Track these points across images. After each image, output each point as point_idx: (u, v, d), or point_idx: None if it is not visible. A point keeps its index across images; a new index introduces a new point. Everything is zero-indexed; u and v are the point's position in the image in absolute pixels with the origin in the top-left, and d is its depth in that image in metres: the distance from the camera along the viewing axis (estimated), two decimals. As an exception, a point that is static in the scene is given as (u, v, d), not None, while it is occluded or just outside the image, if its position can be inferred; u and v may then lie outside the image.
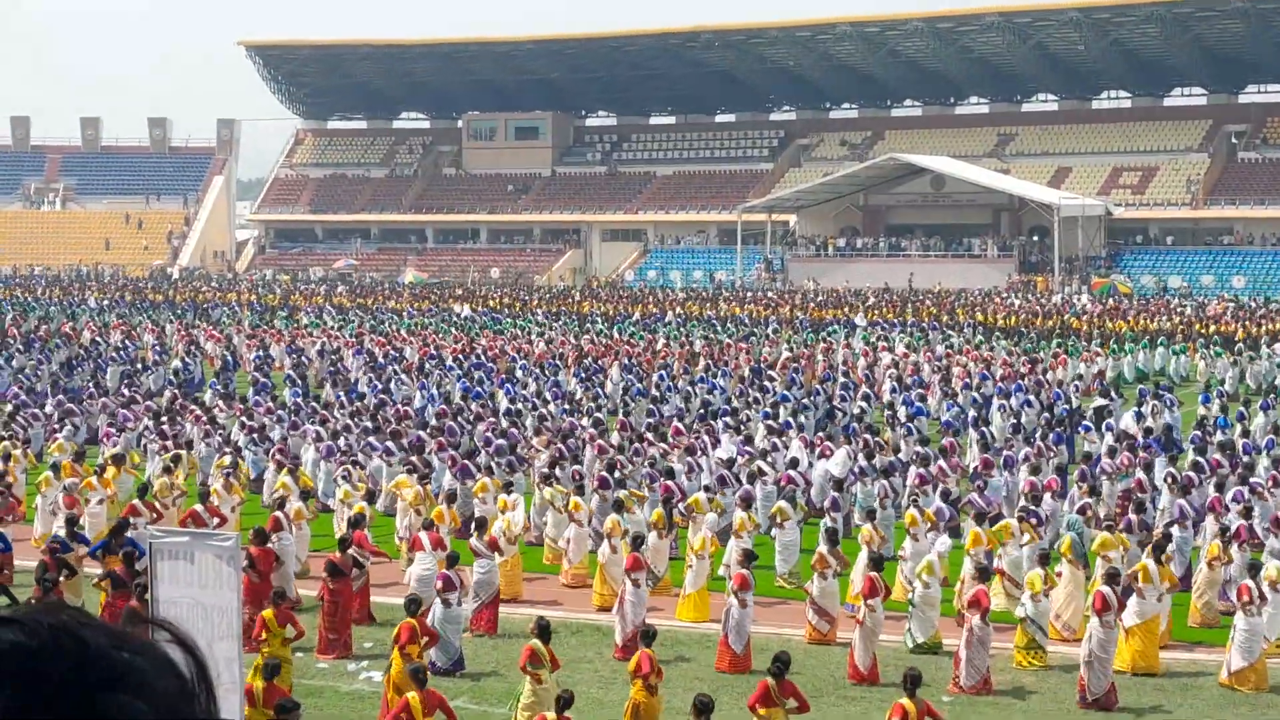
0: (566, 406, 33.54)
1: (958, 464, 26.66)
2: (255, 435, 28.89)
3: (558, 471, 24.83)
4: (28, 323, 56.30)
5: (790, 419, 31.43)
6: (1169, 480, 23.92)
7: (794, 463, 25.46)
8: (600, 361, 42.91)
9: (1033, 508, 21.95)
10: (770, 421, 30.50)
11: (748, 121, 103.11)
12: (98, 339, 50.36)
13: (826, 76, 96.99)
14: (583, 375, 39.65)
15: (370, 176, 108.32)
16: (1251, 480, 23.77)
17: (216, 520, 20.87)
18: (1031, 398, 35.07)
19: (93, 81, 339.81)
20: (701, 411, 33.13)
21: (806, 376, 40.58)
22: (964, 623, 17.14)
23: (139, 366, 42.08)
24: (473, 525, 20.44)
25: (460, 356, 43.97)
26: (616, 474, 24.49)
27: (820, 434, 29.79)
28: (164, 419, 30.06)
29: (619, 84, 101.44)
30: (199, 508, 21.53)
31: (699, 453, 26.91)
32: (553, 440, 27.70)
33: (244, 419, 30.64)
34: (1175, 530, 21.11)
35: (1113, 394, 36.31)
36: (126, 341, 49.13)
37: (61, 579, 18.12)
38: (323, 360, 44.63)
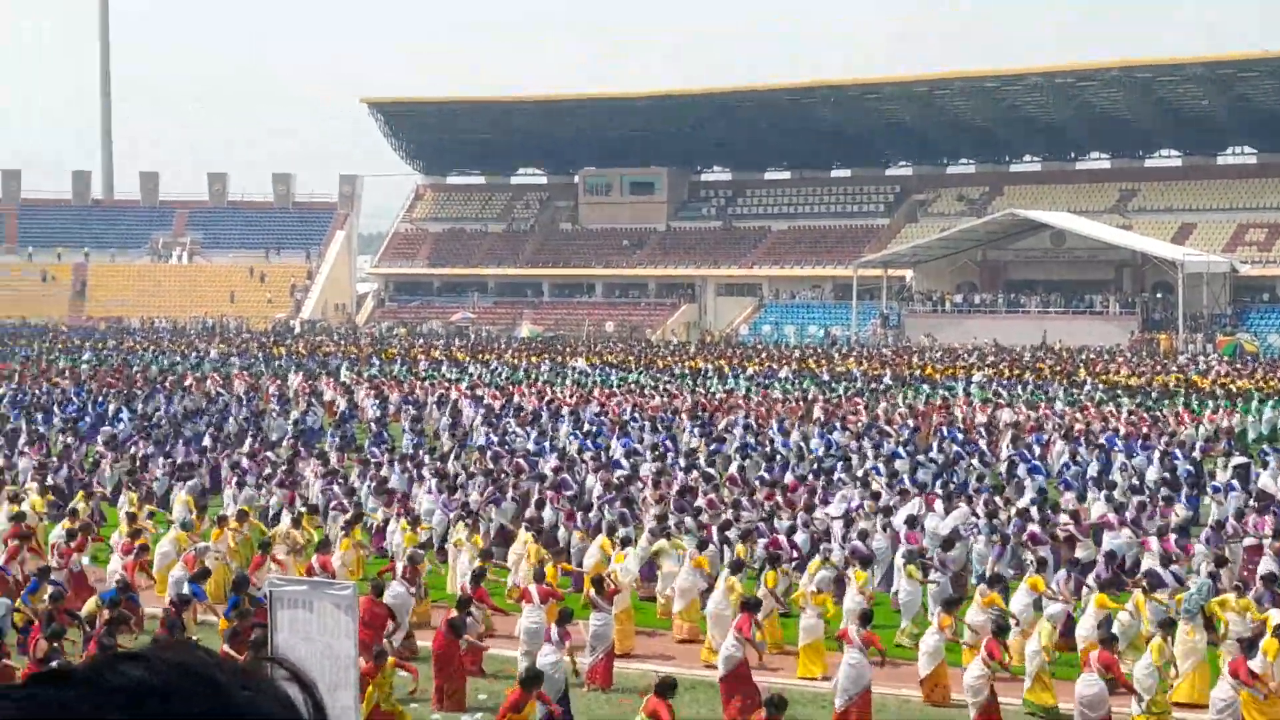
0: (682, 461, 33.43)
1: (1085, 526, 26.07)
2: (375, 486, 29.16)
3: (670, 524, 24.75)
4: (153, 373, 57.60)
5: (906, 476, 31.06)
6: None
7: (911, 520, 25.09)
8: (714, 416, 42.80)
9: (1159, 570, 21.41)
10: (885, 478, 30.16)
11: (864, 177, 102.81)
12: (220, 390, 51.33)
13: (943, 131, 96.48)
14: (697, 430, 39.56)
15: (488, 231, 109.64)
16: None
17: (328, 572, 21.00)
18: (1154, 457, 34.30)
19: (220, 138, 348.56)
20: (815, 468, 32.85)
21: (922, 433, 40.12)
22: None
23: (260, 418, 42.76)
24: (587, 578, 20.40)
25: (576, 410, 44.14)
26: (732, 531, 24.33)
27: (934, 492, 29.38)
28: (284, 470, 30.48)
29: (734, 139, 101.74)
30: (316, 559, 21.74)
31: (812, 509, 26.66)
32: (665, 495, 27.62)
33: (363, 470, 30.98)
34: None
35: (1243, 452, 35.42)
36: (249, 393, 50.03)
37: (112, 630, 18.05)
38: (441, 412, 45.07)
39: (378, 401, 46.93)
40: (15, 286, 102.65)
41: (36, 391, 48.97)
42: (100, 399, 46.79)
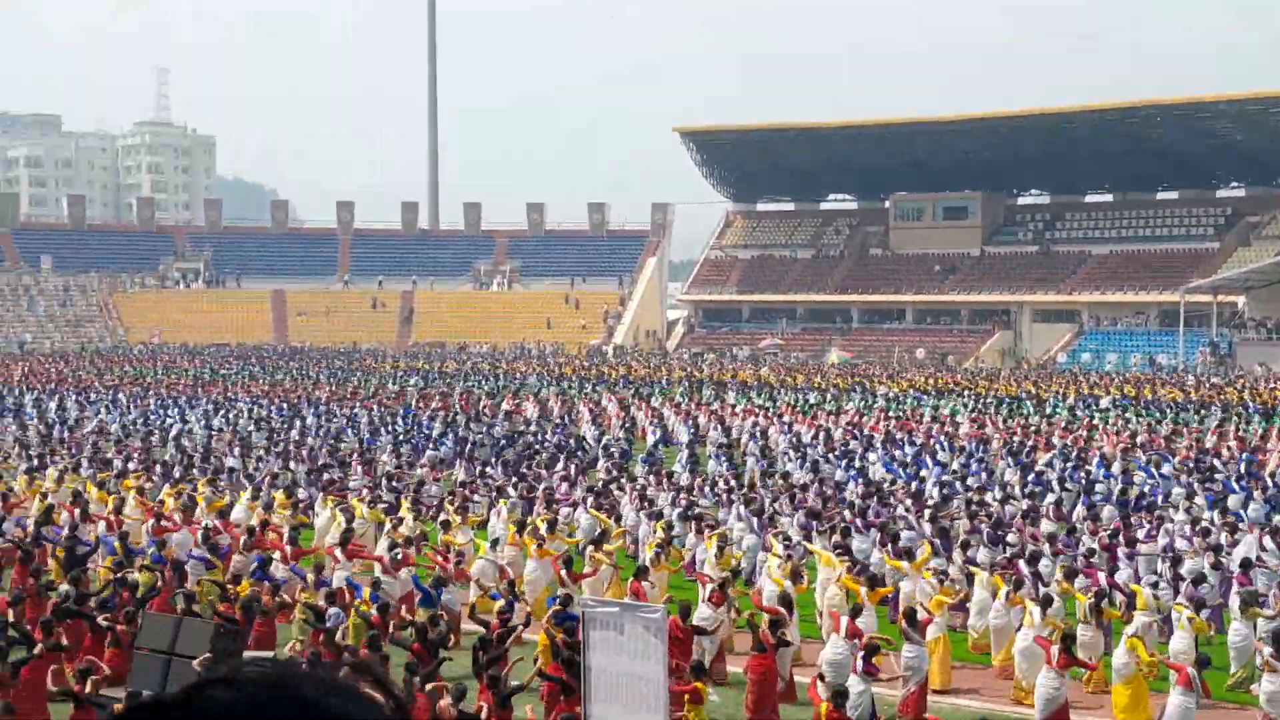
0: (1000, 494, 32.46)
1: None
2: (683, 510, 29.34)
3: (982, 556, 24.04)
4: (475, 398, 59.64)
5: (1240, 511, 29.36)
6: None
7: (1245, 564, 23.60)
8: (1033, 446, 41.49)
9: None
10: (1215, 514, 28.55)
11: (1192, 199, 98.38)
12: (538, 414, 52.71)
13: (1278, 152, 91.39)
14: (1011, 459, 38.40)
15: (797, 257, 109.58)
16: None
17: (640, 598, 21.21)
18: None
19: (538, 168, 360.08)
20: (1138, 501, 31.39)
21: (1260, 466, 37.88)
22: None
23: (574, 442, 43.68)
24: (901, 608, 19.97)
25: (884, 437, 43.54)
26: (1043, 564, 23.45)
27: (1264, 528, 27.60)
28: (598, 492, 31.08)
29: (1053, 162, 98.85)
30: (630, 585, 21.98)
31: (1134, 544, 25.47)
32: (976, 527, 26.87)
33: (672, 493, 31.25)
34: None
35: None
36: (564, 417, 51.21)
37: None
38: (752, 438, 45.14)
39: (690, 426, 47.38)
40: (348, 312, 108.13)
41: (369, 413, 51.26)
42: (427, 421, 48.67)
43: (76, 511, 27.83)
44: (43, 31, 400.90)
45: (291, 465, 36.28)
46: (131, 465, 36.00)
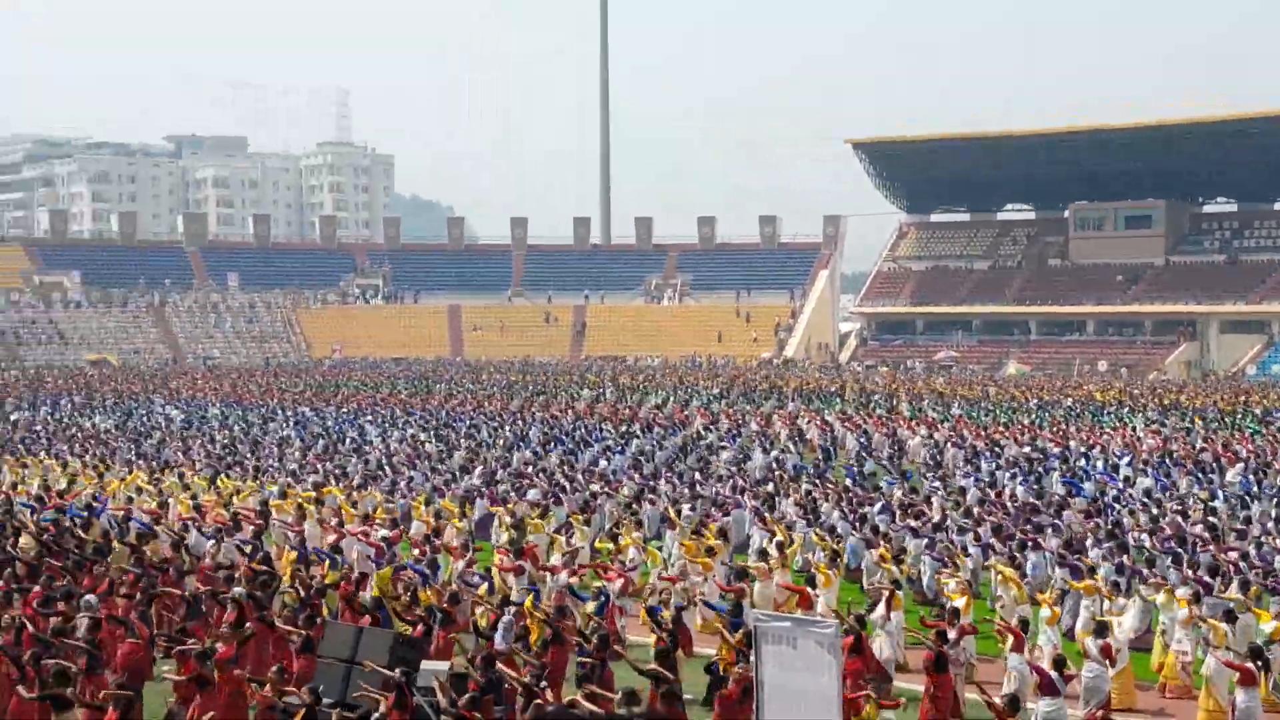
0: (1178, 507, 31.45)
1: None
2: (854, 522, 29.04)
3: (1171, 575, 23.26)
4: (645, 409, 59.86)
5: None
6: None
7: None
8: (1217, 459, 40.11)
9: None
10: None
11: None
12: (709, 426, 52.64)
13: None
14: (1192, 472, 37.17)
15: (972, 269, 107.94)
16: None
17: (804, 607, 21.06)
18: None
19: (708, 183, 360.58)
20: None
21: None
22: None
23: (744, 454, 43.52)
24: (1092, 626, 19.44)
25: (1061, 449, 42.61)
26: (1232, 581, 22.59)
27: None
28: (762, 503, 31.00)
29: (1241, 168, 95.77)
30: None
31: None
32: (1166, 543, 26.05)
33: (842, 506, 30.93)
34: None
35: None
36: (734, 429, 51.05)
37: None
38: (925, 450, 44.54)
39: (861, 438, 46.95)
40: (522, 326, 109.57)
41: (547, 423, 51.79)
42: (598, 433, 48.97)
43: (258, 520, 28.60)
44: (227, 56, 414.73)
45: (469, 476, 36.80)
46: (314, 476, 36.87)
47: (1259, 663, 17.34)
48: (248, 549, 24.98)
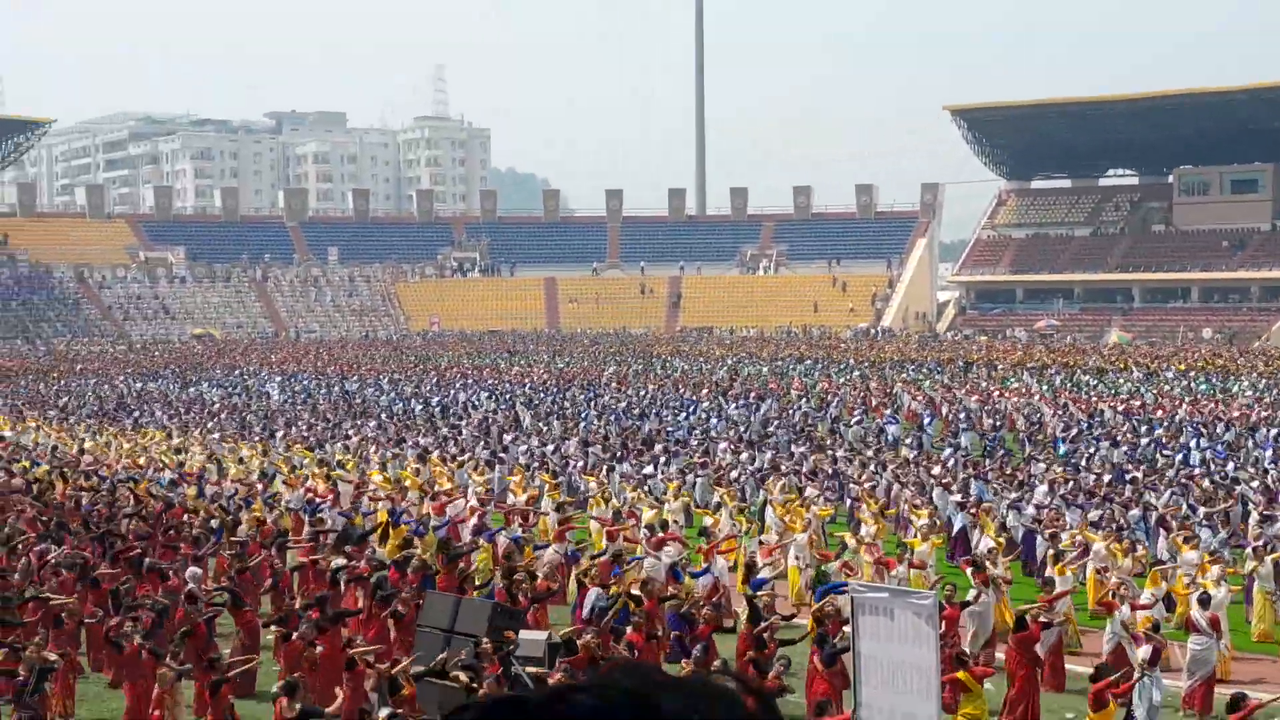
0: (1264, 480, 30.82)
1: None
2: (946, 486, 28.83)
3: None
4: (741, 380, 59.82)
5: None
6: None
7: None
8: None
9: None
10: None
11: None
12: (805, 395, 52.51)
13: None
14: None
15: (1074, 236, 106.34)
16: None
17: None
18: None
19: (802, 153, 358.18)
20: None
21: None
22: None
23: (839, 424, 43.39)
24: (1181, 600, 19.18)
25: (1138, 418, 42.10)
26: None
27: None
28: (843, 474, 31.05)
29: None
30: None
31: None
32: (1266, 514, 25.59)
33: (933, 472, 30.74)
34: None
35: None
36: (827, 399, 50.85)
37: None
38: (1027, 421, 44.09)
39: (958, 408, 46.54)
40: (618, 298, 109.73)
41: (634, 396, 51.98)
42: (694, 404, 49.05)
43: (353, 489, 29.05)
44: (326, 32, 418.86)
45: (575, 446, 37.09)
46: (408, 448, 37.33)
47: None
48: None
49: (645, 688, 1.51)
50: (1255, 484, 29.29)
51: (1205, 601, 18.37)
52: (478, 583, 20.88)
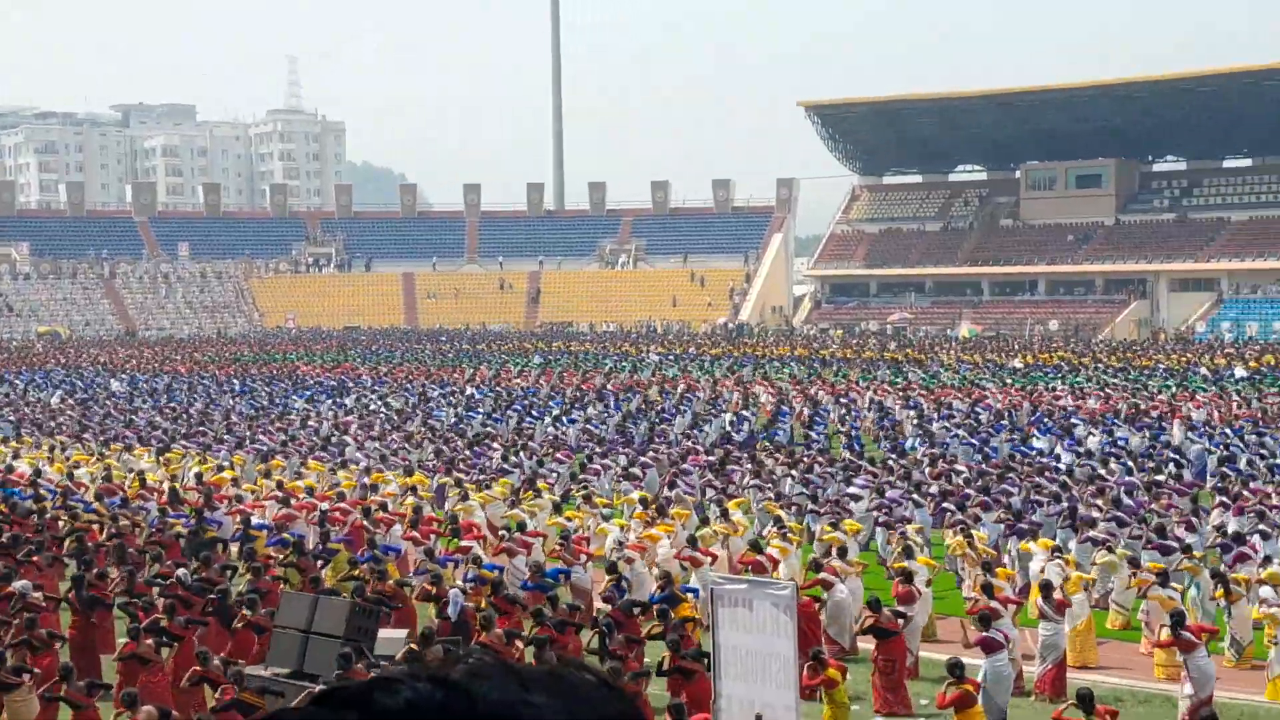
0: (1129, 464, 31.78)
1: None
2: (806, 489, 29.17)
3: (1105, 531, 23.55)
4: (600, 377, 59.85)
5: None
6: None
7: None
8: (1161, 418, 40.59)
9: None
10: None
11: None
12: (664, 392, 52.71)
13: None
14: (1137, 432, 37.59)
15: (925, 230, 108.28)
16: None
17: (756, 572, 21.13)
18: None
19: (661, 147, 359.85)
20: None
21: None
22: None
23: (694, 419, 43.61)
24: (1034, 586, 19.65)
25: (1007, 411, 42.97)
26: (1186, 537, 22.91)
27: None
28: (714, 469, 31.15)
29: (1189, 127, 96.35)
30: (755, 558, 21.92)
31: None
32: (1108, 504, 26.35)
33: (793, 472, 31.06)
34: None
35: None
36: (686, 395, 51.14)
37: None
38: (874, 415, 44.77)
39: (810, 405, 47.10)
40: (476, 294, 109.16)
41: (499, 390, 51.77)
42: (555, 399, 48.97)
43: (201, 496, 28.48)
44: (175, 23, 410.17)
45: (424, 447, 36.74)
46: (259, 447, 36.71)
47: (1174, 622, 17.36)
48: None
49: (460, 679, 1.45)
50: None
51: (1047, 588, 18.80)
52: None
